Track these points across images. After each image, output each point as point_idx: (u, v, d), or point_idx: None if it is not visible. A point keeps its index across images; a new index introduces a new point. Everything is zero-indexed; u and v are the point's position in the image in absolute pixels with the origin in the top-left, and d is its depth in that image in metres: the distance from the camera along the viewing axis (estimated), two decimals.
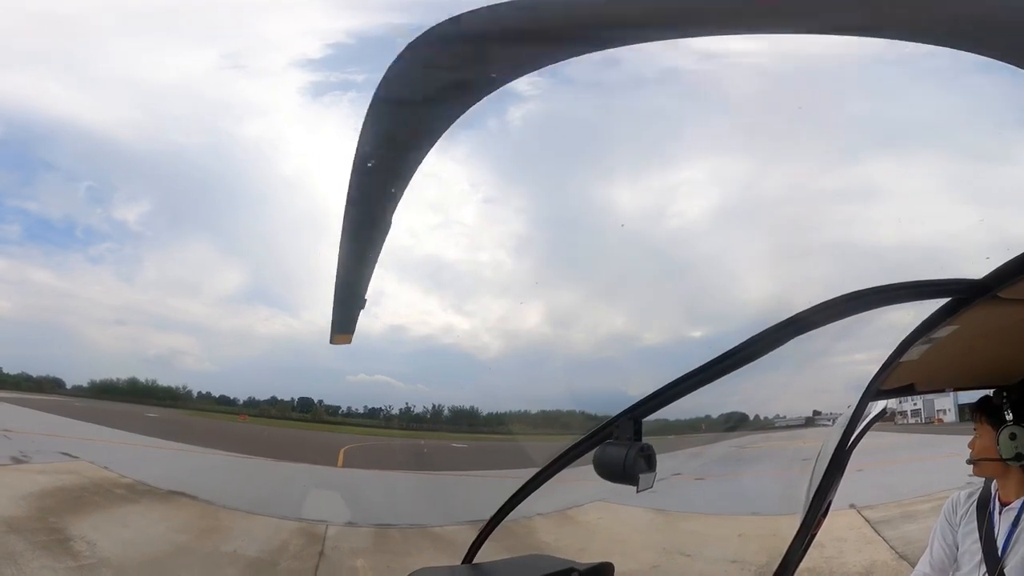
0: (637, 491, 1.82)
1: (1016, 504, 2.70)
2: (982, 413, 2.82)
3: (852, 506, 11.04)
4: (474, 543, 2.89)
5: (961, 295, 2.04)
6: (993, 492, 2.84)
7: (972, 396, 3.06)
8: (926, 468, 14.46)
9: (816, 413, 25.95)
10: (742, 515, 12.19)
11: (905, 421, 32.04)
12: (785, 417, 28.51)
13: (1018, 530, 2.64)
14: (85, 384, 29.72)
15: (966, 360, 2.83)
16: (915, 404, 33.10)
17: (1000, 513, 2.75)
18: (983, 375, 2.99)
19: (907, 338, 2.51)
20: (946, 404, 30.95)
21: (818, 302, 1.97)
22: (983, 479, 2.94)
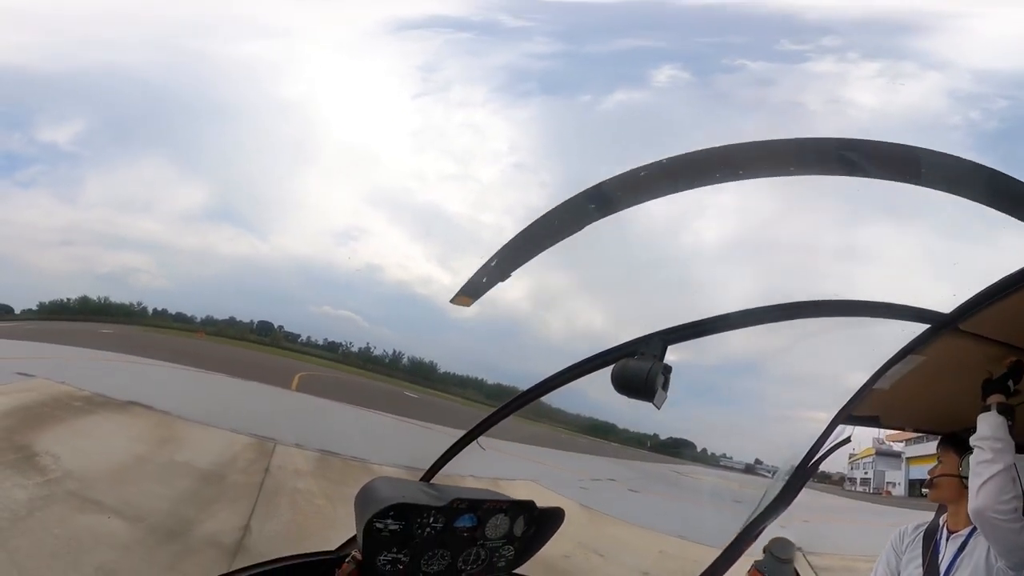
0: (654, 405, 1.81)
1: (964, 532, 2.74)
2: (947, 443, 2.93)
3: (798, 549, 10.96)
4: (438, 461, 3.01)
5: (928, 323, 2.27)
6: (941, 523, 2.90)
7: (925, 473, 3.19)
8: (870, 531, 14.56)
9: (758, 462, 26.19)
10: (667, 534, 12.24)
11: (854, 488, 32.42)
12: (731, 458, 28.76)
13: (963, 555, 2.69)
14: (35, 307, 29.06)
15: (929, 398, 2.99)
16: (866, 473, 33.54)
17: (947, 540, 2.81)
18: (941, 417, 3.11)
19: (883, 365, 2.65)
20: (897, 477, 31.40)
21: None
22: (932, 514, 3.04)
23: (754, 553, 3.23)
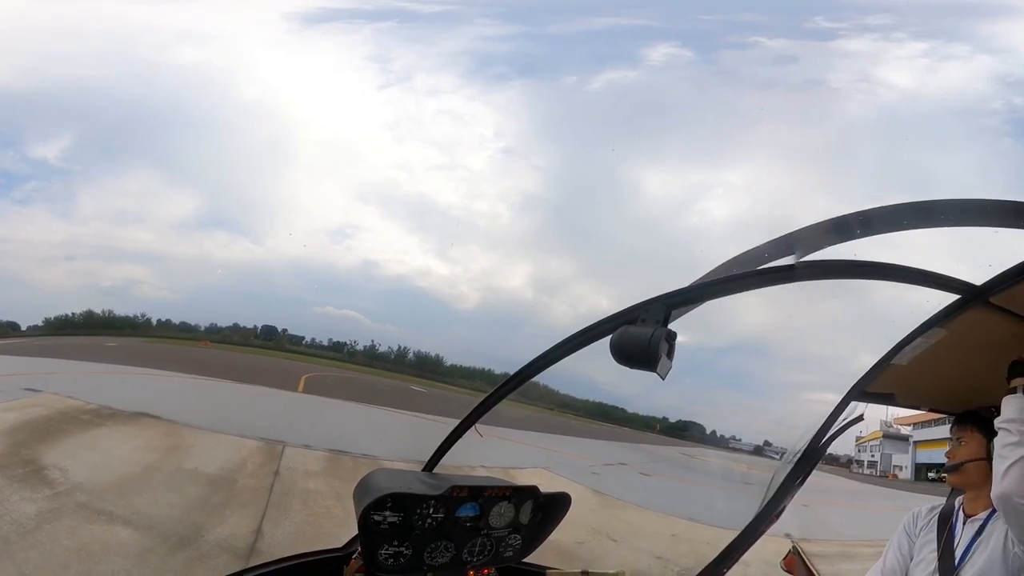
0: (658, 374, 1.67)
1: (982, 515, 2.62)
2: (972, 422, 2.76)
3: (787, 536, 10.93)
4: (439, 449, 2.90)
5: (957, 293, 2.15)
6: (957, 506, 2.77)
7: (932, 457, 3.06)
8: (874, 517, 14.61)
9: (767, 443, 26.29)
10: (679, 517, 12.34)
11: (860, 471, 32.36)
12: (740, 440, 28.87)
13: (979, 539, 2.57)
14: (40, 323, 29.25)
15: (950, 376, 2.81)
16: (872, 456, 33.52)
17: (964, 524, 2.67)
18: (962, 397, 2.93)
19: (903, 339, 2.50)
20: (903, 460, 31.33)
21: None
22: (944, 498, 2.90)
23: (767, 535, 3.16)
